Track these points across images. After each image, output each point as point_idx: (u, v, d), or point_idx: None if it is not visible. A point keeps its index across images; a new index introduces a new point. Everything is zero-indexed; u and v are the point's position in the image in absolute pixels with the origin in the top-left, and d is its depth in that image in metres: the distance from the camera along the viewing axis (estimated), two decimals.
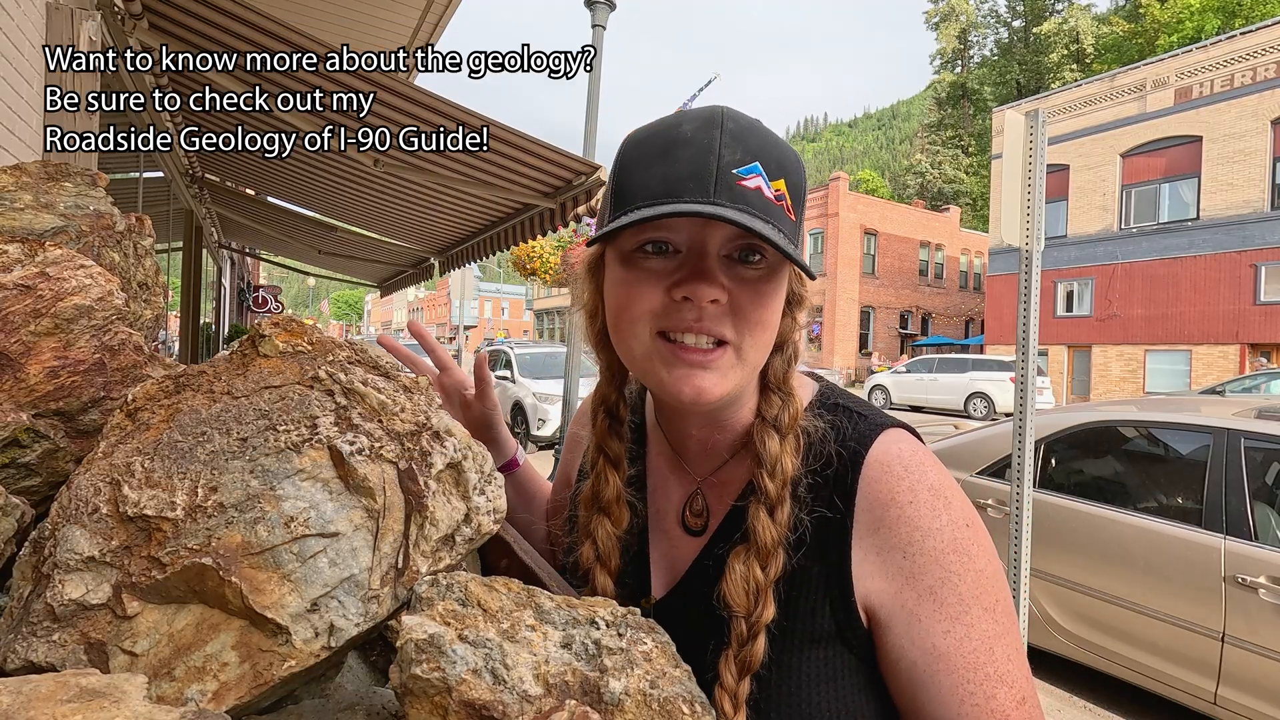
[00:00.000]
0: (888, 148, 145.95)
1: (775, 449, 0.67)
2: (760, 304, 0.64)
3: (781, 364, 0.71)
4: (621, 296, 0.66)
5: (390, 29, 5.15)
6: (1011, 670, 0.61)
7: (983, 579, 0.63)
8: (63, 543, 0.49)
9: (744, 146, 0.62)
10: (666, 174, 0.61)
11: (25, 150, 2.41)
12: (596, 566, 0.73)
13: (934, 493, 0.65)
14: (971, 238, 34.31)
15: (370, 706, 0.55)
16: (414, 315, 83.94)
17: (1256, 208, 17.45)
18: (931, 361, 20.35)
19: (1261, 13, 29.99)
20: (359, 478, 0.52)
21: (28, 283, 0.65)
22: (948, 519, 0.64)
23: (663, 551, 0.76)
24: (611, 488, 0.74)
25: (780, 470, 0.66)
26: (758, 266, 0.64)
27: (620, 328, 0.67)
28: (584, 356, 0.84)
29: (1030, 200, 3.36)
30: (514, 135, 3.79)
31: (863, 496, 0.65)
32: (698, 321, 0.62)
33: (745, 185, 0.60)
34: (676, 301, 0.63)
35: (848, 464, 0.66)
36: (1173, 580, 3.29)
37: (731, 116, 0.63)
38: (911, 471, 0.65)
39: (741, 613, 0.64)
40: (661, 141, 0.63)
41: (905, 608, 0.63)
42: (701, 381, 0.64)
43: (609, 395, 0.78)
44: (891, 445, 0.67)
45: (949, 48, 52.35)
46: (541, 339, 48.54)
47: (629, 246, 0.65)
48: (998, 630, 0.62)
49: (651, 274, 0.64)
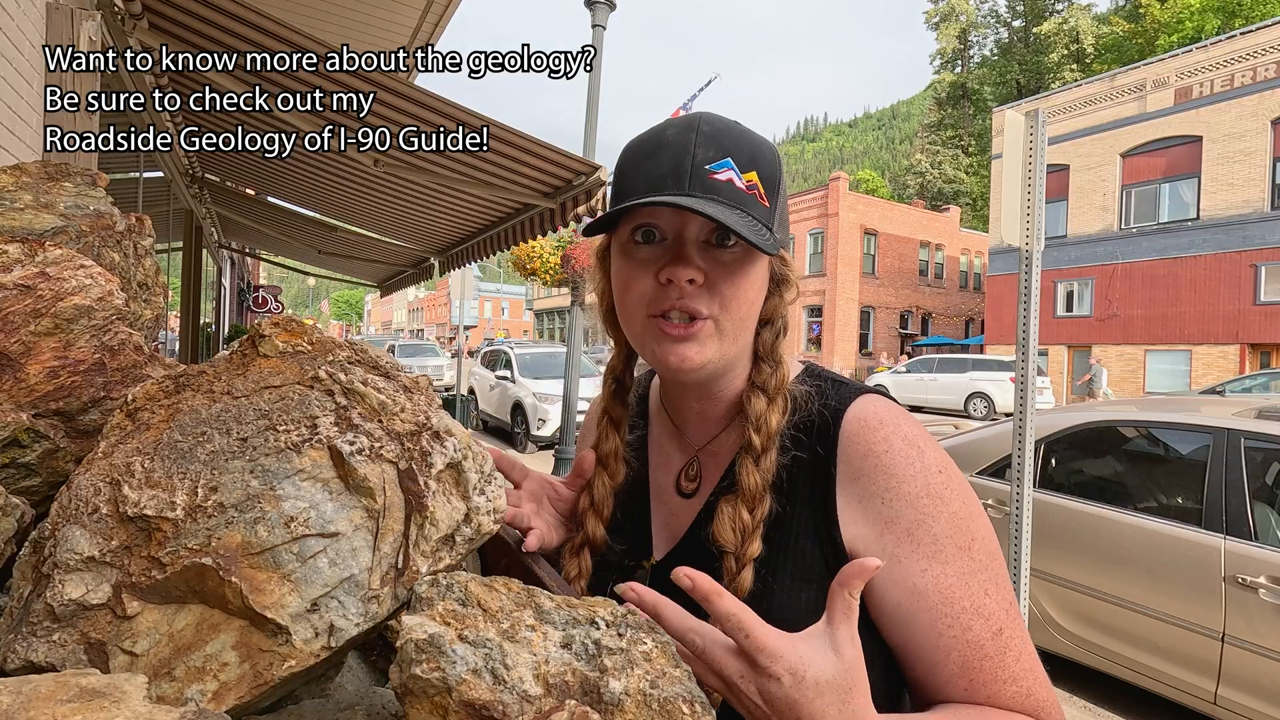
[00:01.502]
0: (888, 148, 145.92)
1: (761, 407, 0.75)
2: (734, 282, 0.72)
3: (770, 335, 0.79)
4: (620, 283, 0.76)
5: (390, 29, 5.14)
6: (988, 604, 0.65)
7: (957, 520, 0.68)
8: (63, 543, 0.49)
9: (717, 145, 0.71)
10: (650, 172, 0.72)
11: (25, 150, 2.41)
12: (589, 513, 0.81)
13: (908, 442, 0.71)
14: (971, 238, 34.29)
15: (370, 706, 0.55)
16: (414, 315, 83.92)
17: (1256, 208, 17.45)
18: (931, 361, 20.34)
19: (1261, 13, 29.98)
20: (359, 478, 0.52)
21: (28, 283, 0.65)
22: (921, 466, 0.69)
23: (663, 519, 0.83)
24: (610, 444, 0.83)
25: (765, 425, 0.74)
26: (732, 249, 0.72)
27: (622, 311, 0.78)
28: (584, 357, 0.87)
29: (1030, 200, 3.36)
30: (514, 135, 3.79)
31: (843, 449, 0.72)
32: (680, 300, 0.71)
33: (717, 179, 0.70)
34: (662, 285, 0.72)
35: (829, 421, 0.74)
36: (1173, 580, 3.29)
37: (708, 120, 0.73)
38: (886, 424, 0.72)
39: (731, 549, 0.71)
40: (650, 145, 0.74)
41: (886, 550, 0.67)
42: (684, 350, 0.72)
43: (617, 366, 0.87)
44: (868, 404, 0.74)
45: (949, 48, 52.33)
46: (541, 339, 48.56)
47: (624, 236, 0.75)
48: (973, 567, 0.67)
49: (643, 263, 0.74)
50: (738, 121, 0.75)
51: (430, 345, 29.70)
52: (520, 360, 12.79)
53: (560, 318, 49.25)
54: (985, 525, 0.70)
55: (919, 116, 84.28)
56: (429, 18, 4.98)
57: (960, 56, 52.78)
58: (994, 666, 0.64)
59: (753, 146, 0.73)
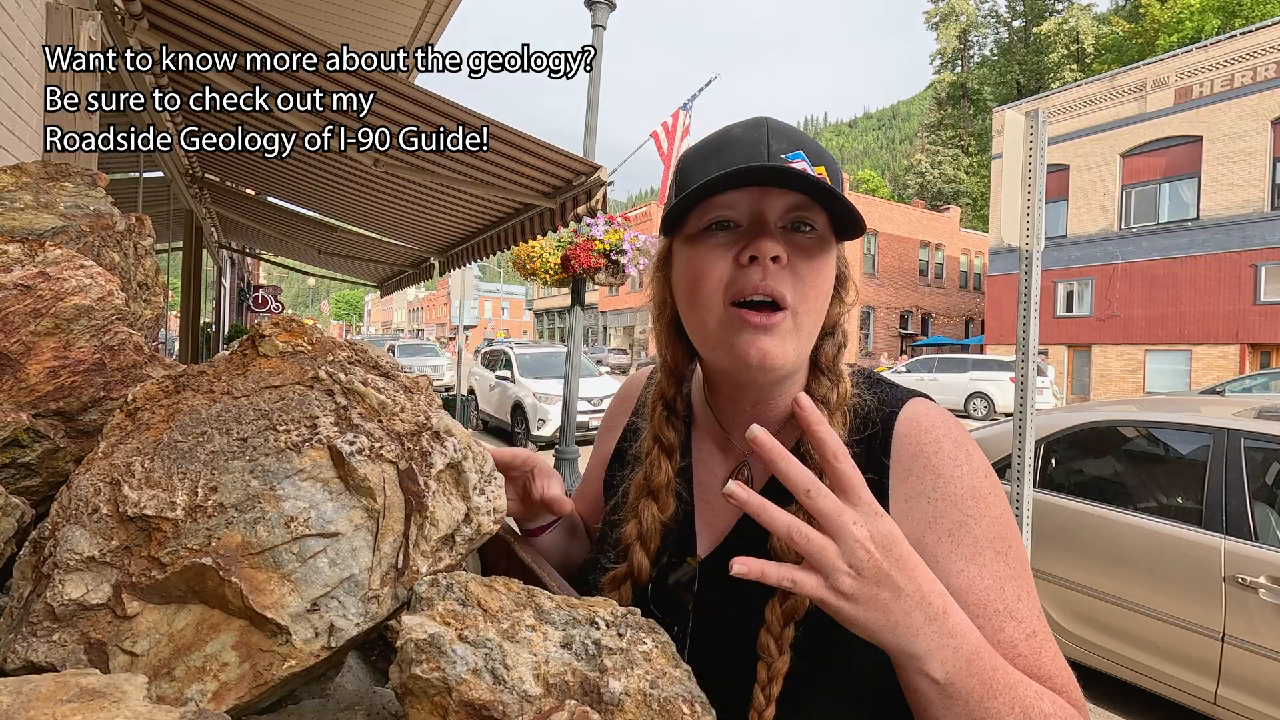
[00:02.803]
0: (888, 148, 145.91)
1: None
2: (814, 268, 0.71)
3: (832, 348, 0.79)
4: (695, 271, 0.73)
5: (390, 29, 5.14)
6: (1021, 608, 0.65)
7: (997, 525, 0.68)
8: (63, 543, 0.49)
9: (788, 139, 0.72)
10: (724, 162, 0.71)
11: (25, 150, 2.41)
12: (636, 544, 0.79)
13: (957, 445, 0.72)
14: (971, 238, 34.29)
15: (370, 706, 0.55)
16: (414, 315, 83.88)
17: (1256, 208, 17.44)
18: (931, 361, 20.33)
19: (1261, 13, 29.97)
20: (359, 478, 0.52)
21: (28, 283, 0.65)
22: (968, 468, 0.70)
23: (707, 520, 0.82)
24: (663, 474, 0.81)
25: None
26: (809, 235, 0.72)
27: (696, 301, 0.74)
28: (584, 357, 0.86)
29: (1030, 200, 3.36)
30: (514, 135, 3.79)
31: (895, 450, 0.72)
32: (763, 280, 0.69)
33: (793, 167, 0.68)
34: (744, 266, 0.70)
35: (883, 425, 0.74)
36: (1173, 580, 3.29)
37: (774, 120, 0.74)
38: (938, 427, 0.73)
39: (793, 558, 0.68)
40: (715, 144, 0.74)
41: (927, 550, 0.67)
42: (766, 344, 0.70)
43: (668, 391, 0.85)
44: (919, 406, 0.75)
45: (949, 48, 52.33)
46: (541, 339, 48.53)
47: (695, 229, 0.74)
48: (1009, 572, 0.67)
49: (718, 247, 0.72)
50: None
51: (430, 345, 29.68)
52: (520, 360, 12.79)
53: (560, 318, 49.24)
54: (1018, 535, 0.70)
55: (919, 116, 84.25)
56: (429, 18, 4.98)
57: (960, 56, 52.77)
58: (1029, 666, 0.64)
59: (818, 146, 0.74)
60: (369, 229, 7.59)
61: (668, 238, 0.80)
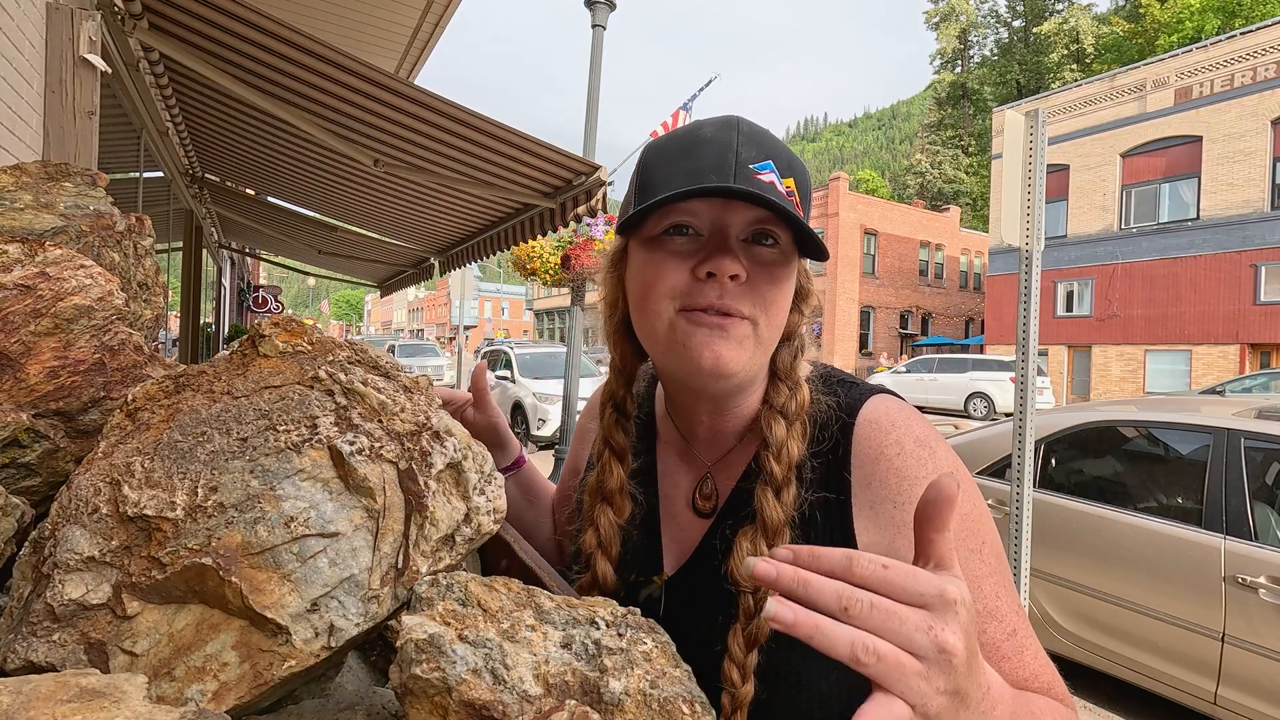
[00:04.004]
0: (888, 148, 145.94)
1: (781, 434, 0.71)
2: (774, 284, 0.68)
3: (789, 355, 0.75)
4: (648, 275, 0.70)
5: (390, 29, 5.14)
6: (1000, 606, 0.64)
7: (968, 522, 0.66)
8: (63, 543, 0.49)
9: (758, 146, 0.67)
10: (690, 167, 0.66)
11: (25, 150, 2.41)
12: (598, 553, 0.76)
13: (919, 443, 0.69)
14: (971, 238, 34.28)
15: (370, 706, 0.55)
16: (414, 315, 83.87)
17: (1256, 208, 17.44)
18: (931, 361, 20.32)
19: (1261, 13, 29.98)
20: (359, 478, 0.52)
21: (28, 283, 0.65)
22: (933, 467, 0.67)
23: (673, 534, 0.79)
24: (615, 478, 0.78)
25: (786, 454, 0.70)
26: (772, 249, 0.68)
27: (646, 306, 0.70)
28: (584, 357, 0.85)
29: (1030, 200, 3.37)
30: (514, 135, 3.79)
31: (856, 457, 0.70)
32: (719, 299, 0.66)
33: (761, 179, 0.65)
34: (700, 280, 0.66)
35: (842, 434, 0.71)
36: (1173, 580, 3.29)
37: (746, 122, 0.69)
38: (898, 426, 0.70)
39: (749, 588, 0.67)
40: (684, 142, 0.69)
41: (899, 555, 0.64)
42: (720, 348, 0.66)
43: (617, 391, 0.82)
44: (879, 405, 0.72)
45: (949, 48, 52.32)
46: (541, 339, 48.53)
47: (654, 232, 0.70)
48: (985, 569, 0.65)
49: (675, 254, 0.68)
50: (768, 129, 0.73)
51: (430, 345, 29.70)
52: (520, 360, 12.79)
53: (560, 318, 49.25)
54: (993, 528, 0.68)
55: (919, 116, 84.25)
56: (429, 17, 4.98)
57: (960, 56, 52.76)
58: (1012, 667, 0.63)
59: (789, 155, 0.70)
60: (369, 229, 7.59)
61: (623, 237, 0.75)
